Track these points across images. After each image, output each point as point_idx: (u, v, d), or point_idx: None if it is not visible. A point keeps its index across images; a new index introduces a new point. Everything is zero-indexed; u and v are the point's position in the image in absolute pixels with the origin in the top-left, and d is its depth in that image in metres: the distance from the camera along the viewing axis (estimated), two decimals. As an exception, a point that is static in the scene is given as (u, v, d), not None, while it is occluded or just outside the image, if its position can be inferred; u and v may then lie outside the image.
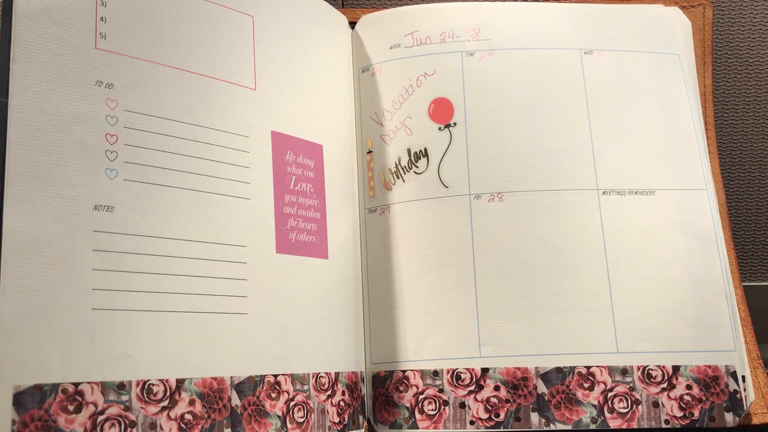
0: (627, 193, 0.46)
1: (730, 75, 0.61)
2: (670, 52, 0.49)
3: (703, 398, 0.42)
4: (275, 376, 0.39)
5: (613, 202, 0.45)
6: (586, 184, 0.46)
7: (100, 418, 0.33)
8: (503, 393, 0.43)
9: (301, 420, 0.40)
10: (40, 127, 0.33)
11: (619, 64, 0.48)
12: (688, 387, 0.42)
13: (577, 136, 0.47)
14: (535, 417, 0.42)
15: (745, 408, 0.42)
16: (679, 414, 0.42)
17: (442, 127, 0.47)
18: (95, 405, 0.32)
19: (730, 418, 0.42)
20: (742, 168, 0.62)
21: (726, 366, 0.43)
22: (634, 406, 0.42)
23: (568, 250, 0.45)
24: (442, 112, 0.47)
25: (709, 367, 0.43)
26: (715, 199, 0.46)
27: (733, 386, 0.42)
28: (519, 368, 0.43)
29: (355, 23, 0.50)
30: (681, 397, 0.42)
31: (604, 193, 0.46)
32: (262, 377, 0.39)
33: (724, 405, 0.42)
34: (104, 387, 0.33)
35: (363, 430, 0.44)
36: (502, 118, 0.47)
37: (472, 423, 0.42)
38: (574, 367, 0.43)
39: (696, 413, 0.42)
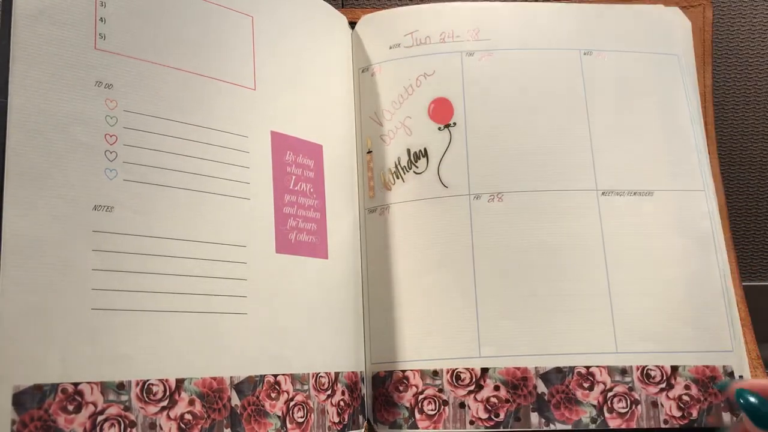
0: (626, 194, 0.46)
1: (730, 75, 0.61)
2: (669, 52, 0.49)
3: (702, 398, 0.42)
4: (275, 376, 0.39)
5: (611, 203, 0.45)
6: (586, 184, 0.46)
7: (100, 418, 0.33)
8: (503, 393, 0.43)
9: (300, 420, 0.40)
10: (39, 127, 0.33)
11: (618, 64, 0.48)
12: (687, 387, 0.42)
13: (576, 137, 0.47)
14: (534, 417, 0.42)
15: None
16: (678, 414, 0.42)
17: (442, 127, 0.47)
18: (95, 405, 0.32)
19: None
20: (742, 168, 0.62)
21: (723, 366, 0.43)
22: (634, 406, 0.42)
23: (568, 250, 0.45)
24: (441, 112, 0.47)
25: (707, 367, 0.43)
26: (715, 200, 0.46)
27: None
28: (519, 368, 0.43)
29: (355, 23, 0.50)
30: (679, 397, 0.42)
31: (603, 193, 0.46)
32: (262, 377, 0.39)
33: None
34: (104, 387, 0.33)
35: (363, 430, 0.44)
36: (502, 118, 0.47)
37: (471, 423, 0.42)
38: (574, 367, 0.43)
39: (694, 413, 0.42)
